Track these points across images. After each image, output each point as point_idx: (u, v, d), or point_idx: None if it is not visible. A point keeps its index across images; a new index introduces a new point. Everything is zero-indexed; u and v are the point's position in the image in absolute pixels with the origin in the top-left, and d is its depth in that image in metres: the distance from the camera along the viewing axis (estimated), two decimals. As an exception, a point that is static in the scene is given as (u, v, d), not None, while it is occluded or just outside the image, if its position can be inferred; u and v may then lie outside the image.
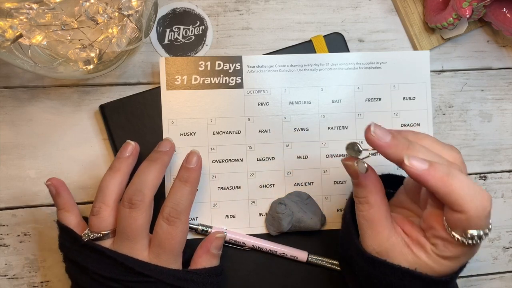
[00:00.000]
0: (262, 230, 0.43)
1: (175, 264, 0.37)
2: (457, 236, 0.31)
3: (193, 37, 0.45)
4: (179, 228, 0.36)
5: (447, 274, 0.33)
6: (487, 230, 0.30)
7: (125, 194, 0.37)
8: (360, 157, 0.34)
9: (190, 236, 0.42)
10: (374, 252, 0.34)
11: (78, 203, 0.43)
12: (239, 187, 0.43)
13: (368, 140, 0.31)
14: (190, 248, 0.39)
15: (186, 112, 0.43)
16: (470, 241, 0.30)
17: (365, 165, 0.33)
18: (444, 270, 0.32)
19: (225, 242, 0.42)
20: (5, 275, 0.43)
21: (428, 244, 0.33)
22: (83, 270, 0.36)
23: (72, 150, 0.43)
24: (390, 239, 0.34)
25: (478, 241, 0.30)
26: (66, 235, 0.38)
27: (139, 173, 0.38)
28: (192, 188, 0.38)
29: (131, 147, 0.39)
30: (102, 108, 0.43)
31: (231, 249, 0.42)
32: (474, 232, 0.30)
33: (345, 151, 0.34)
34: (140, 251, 0.36)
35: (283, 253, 0.42)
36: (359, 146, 0.33)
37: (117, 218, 0.37)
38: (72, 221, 0.38)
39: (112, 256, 0.35)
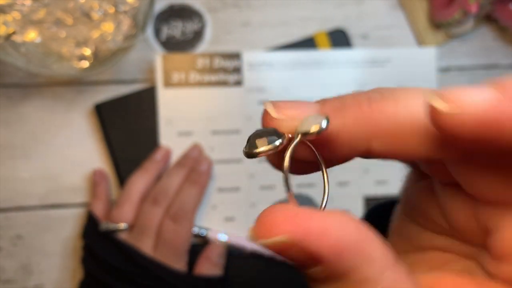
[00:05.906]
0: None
1: (179, 263, 0.38)
2: None
3: (191, 34, 0.44)
4: (184, 227, 0.38)
5: None
6: None
7: (151, 191, 0.39)
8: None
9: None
10: None
11: (72, 205, 0.42)
12: (239, 188, 0.42)
13: None
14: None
15: (183, 111, 0.42)
16: None
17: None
18: None
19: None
20: (-3, 279, 0.42)
21: None
22: (95, 257, 0.37)
23: (66, 150, 0.43)
24: None
25: None
26: (90, 221, 0.39)
27: (167, 175, 0.40)
28: (200, 190, 0.39)
29: (163, 152, 0.41)
30: (98, 107, 0.42)
31: (229, 254, 0.41)
32: None
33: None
34: (149, 247, 0.37)
35: (284, 259, 0.41)
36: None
37: (137, 214, 0.38)
38: (100, 210, 0.40)
39: (120, 246, 0.37)
